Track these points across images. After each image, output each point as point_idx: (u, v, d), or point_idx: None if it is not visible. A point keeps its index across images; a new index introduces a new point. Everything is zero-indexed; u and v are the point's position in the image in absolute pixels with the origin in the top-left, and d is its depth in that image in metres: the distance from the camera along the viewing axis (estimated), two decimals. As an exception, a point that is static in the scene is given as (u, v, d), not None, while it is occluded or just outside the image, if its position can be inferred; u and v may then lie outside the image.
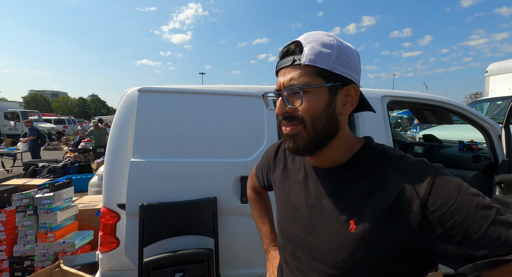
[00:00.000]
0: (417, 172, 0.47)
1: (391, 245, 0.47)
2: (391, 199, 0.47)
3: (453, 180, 0.45)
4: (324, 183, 0.57)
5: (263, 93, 0.65)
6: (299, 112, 0.52)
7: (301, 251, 0.59)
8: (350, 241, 0.50)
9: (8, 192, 2.64)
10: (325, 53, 0.50)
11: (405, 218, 0.46)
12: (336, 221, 0.53)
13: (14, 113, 15.88)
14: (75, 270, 1.66)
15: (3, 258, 2.46)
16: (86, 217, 2.93)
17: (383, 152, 0.53)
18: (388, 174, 0.50)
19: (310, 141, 0.53)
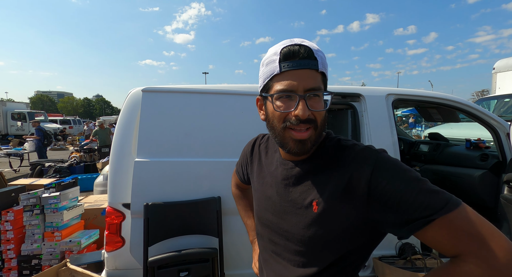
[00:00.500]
0: (363, 156, 0.56)
1: (347, 220, 0.56)
2: (344, 181, 0.56)
3: (391, 160, 0.55)
4: (291, 173, 0.64)
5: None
6: (313, 115, 0.57)
7: (275, 234, 0.67)
8: (314, 220, 0.58)
9: (15, 192, 2.68)
10: (326, 63, 0.59)
11: (356, 195, 0.55)
12: (301, 205, 0.61)
13: (21, 114, 16.13)
14: (81, 269, 1.68)
15: (12, 257, 2.50)
16: (91, 216, 2.96)
17: (338, 143, 0.62)
18: (342, 160, 0.58)
19: (315, 142, 0.59)
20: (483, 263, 0.46)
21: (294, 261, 0.63)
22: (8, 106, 16.39)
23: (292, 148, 0.58)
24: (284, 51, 0.56)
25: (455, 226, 0.48)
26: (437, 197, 0.49)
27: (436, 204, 0.49)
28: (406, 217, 0.50)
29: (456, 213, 0.48)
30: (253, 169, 0.78)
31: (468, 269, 0.47)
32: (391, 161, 0.55)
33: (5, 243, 2.49)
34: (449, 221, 0.48)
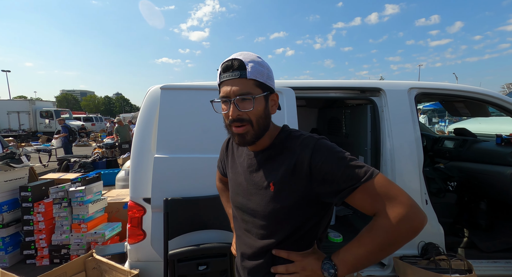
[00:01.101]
0: (305, 143, 0.71)
1: (297, 195, 0.70)
2: (292, 163, 0.70)
3: (326, 145, 0.70)
4: (254, 161, 0.79)
5: (283, 88, 0.77)
6: (246, 115, 0.71)
7: (245, 214, 0.81)
8: (271, 198, 0.73)
9: (45, 186, 2.85)
10: (261, 70, 0.71)
11: (301, 174, 0.69)
12: (262, 186, 0.75)
13: (48, 112, 17.08)
14: (106, 260, 1.76)
15: (44, 246, 2.67)
16: (114, 209, 3.10)
17: (290, 134, 0.77)
18: (291, 148, 0.73)
19: (255, 136, 0.73)
20: (389, 216, 0.61)
21: (259, 234, 0.77)
22: (37, 105, 17.42)
23: (236, 140, 0.74)
24: (222, 66, 0.73)
25: (372, 191, 0.64)
26: (359, 170, 0.65)
27: (358, 175, 0.64)
28: (338, 187, 0.66)
29: (373, 181, 0.64)
30: (228, 162, 0.92)
31: (380, 222, 0.63)
32: (327, 145, 0.70)
33: (37, 233, 2.67)
34: (368, 187, 0.64)
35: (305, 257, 0.73)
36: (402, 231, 0.61)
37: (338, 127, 3.08)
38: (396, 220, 0.61)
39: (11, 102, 17.33)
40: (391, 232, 0.61)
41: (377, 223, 0.63)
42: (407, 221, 0.60)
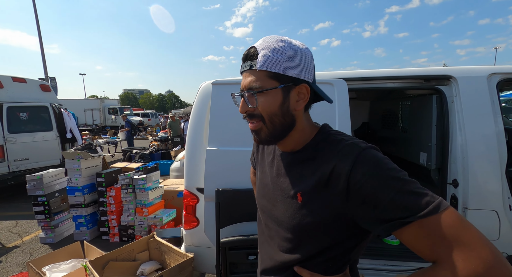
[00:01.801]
0: (346, 152, 0.56)
1: (328, 213, 0.57)
2: (327, 175, 0.57)
3: (374, 158, 0.54)
4: (283, 164, 0.68)
5: (334, 79, 0.69)
6: (258, 111, 0.61)
7: (270, 220, 0.71)
8: (298, 210, 0.61)
9: (115, 173, 3.27)
10: (276, 58, 0.57)
11: (336, 189, 0.56)
12: (288, 194, 0.64)
13: (114, 109, 19.51)
14: (165, 242, 1.95)
15: (114, 225, 3.09)
16: (169, 197, 3.40)
17: (328, 138, 0.63)
18: (327, 154, 0.59)
19: (270, 135, 0.62)
20: (459, 272, 0.44)
21: (282, 246, 0.67)
22: (105, 103, 20.05)
23: (253, 138, 0.66)
24: (242, 55, 0.64)
25: (433, 231, 0.47)
26: (418, 199, 0.49)
27: (415, 206, 0.48)
28: (383, 216, 0.50)
29: (436, 218, 0.47)
30: (258, 158, 0.84)
31: (444, 275, 0.46)
32: (374, 158, 0.54)
33: (109, 213, 3.09)
34: (427, 225, 0.47)
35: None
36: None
37: (394, 121, 2.81)
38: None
39: (87, 101, 20.26)
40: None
41: (436, 276, 0.47)
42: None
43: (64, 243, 3.08)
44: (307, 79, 0.60)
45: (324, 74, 1.84)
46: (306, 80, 0.60)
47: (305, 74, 0.60)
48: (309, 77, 0.61)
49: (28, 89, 5.17)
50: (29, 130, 4.93)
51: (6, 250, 2.98)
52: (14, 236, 3.31)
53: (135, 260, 1.96)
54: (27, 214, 3.98)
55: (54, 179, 3.24)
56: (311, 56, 0.62)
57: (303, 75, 0.59)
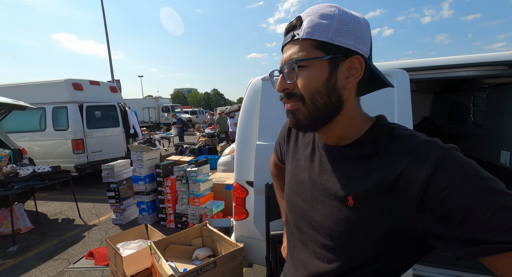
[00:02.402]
0: (422, 152, 0.45)
1: (388, 223, 0.47)
2: (392, 178, 0.46)
3: (463, 162, 0.42)
4: (328, 159, 0.57)
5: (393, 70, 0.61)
6: (298, 88, 0.51)
7: (303, 222, 0.61)
8: (348, 216, 0.51)
9: (171, 165, 3.59)
10: (324, 24, 0.48)
11: (405, 197, 0.45)
12: (335, 196, 0.53)
13: (166, 107, 21.34)
14: (217, 231, 2.07)
15: (171, 213, 3.40)
16: (218, 190, 3.59)
17: (392, 131, 0.51)
18: (392, 153, 0.48)
19: (310, 117, 0.52)
20: None
21: (320, 254, 0.57)
22: (159, 102, 22.09)
23: (289, 120, 0.56)
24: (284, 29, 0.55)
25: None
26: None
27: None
28: (471, 237, 0.40)
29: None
30: (289, 149, 0.72)
31: None
32: (463, 163, 0.42)
33: (166, 202, 3.42)
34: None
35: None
36: None
37: (464, 115, 2.46)
38: None
39: (144, 100, 22.57)
40: None
41: None
42: None
43: (130, 225, 3.52)
44: (361, 51, 0.50)
45: (381, 65, 1.71)
46: (361, 52, 0.50)
47: (359, 45, 0.49)
48: (364, 49, 0.50)
49: (101, 91, 6.00)
50: (102, 126, 5.73)
51: (87, 227, 3.54)
52: (93, 216, 3.91)
53: (190, 245, 2.13)
54: (102, 198, 4.66)
55: (122, 169, 3.71)
56: (368, 28, 0.51)
57: (357, 46, 0.49)
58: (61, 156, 5.26)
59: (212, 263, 1.65)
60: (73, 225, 3.63)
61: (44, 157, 5.30)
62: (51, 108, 5.31)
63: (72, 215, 3.95)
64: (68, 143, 5.20)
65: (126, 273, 1.88)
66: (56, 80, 5.43)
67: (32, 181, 3.35)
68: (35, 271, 2.54)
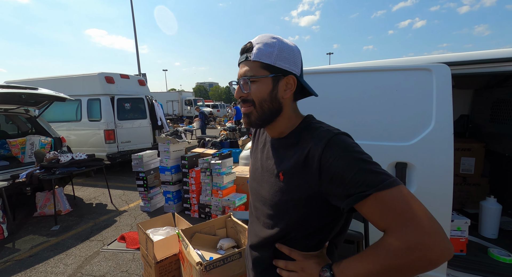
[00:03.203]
0: (320, 136, 0.64)
1: (304, 190, 0.64)
2: (303, 156, 0.64)
3: (344, 141, 0.62)
4: (271, 148, 0.77)
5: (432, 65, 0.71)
6: (251, 96, 0.69)
7: (257, 200, 0.78)
8: (280, 188, 0.69)
9: (195, 157, 3.70)
10: (268, 51, 0.67)
11: (311, 168, 0.63)
12: (273, 174, 0.72)
13: (189, 100, 21.88)
14: (241, 222, 2.12)
15: (195, 203, 3.53)
16: (240, 183, 3.65)
17: (309, 125, 0.70)
18: (306, 139, 0.67)
19: (259, 118, 0.71)
20: (400, 237, 0.52)
21: (266, 223, 0.74)
22: (183, 95, 22.69)
23: (243, 120, 0.75)
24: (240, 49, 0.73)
25: (385, 203, 0.54)
26: (374, 177, 0.56)
27: (371, 182, 0.55)
28: (346, 192, 0.57)
29: (389, 192, 0.54)
30: (253, 148, 0.91)
31: (389, 241, 0.54)
32: (343, 142, 0.61)
33: (191, 192, 3.54)
34: (380, 198, 0.54)
35: (306, 258, 0.68)
36: (412, 260, 0.51)
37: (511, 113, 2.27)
38: (406, 244, 0.51)
39: (168, 94, 23.31)
40: (398, 256, 0.52)
41: (384, 242, 0.55)
42: (420, 249, 0.50)
43: (157, 212, 3.71)
44: (294, 71, 0.69)
45: (419, 59, 1.62)
46: (294, 72, 0.69)
47: (292, 67, 0.69)
48: (296, 70, 0.70)
49: (130, 84, 6.28)
50: (131, 118, 6.03)
51: (119, 212, 3.79)
52: (123, 203, 4.17)
53: (215, 235, 2.21)
54: (130, 186, 4.94)
55: (150, 159, 3.89)
56: (299, 54, 0.71)
57: (291, 68, 0.69)
58: (94, 145, 5.63)
59: (237, 254, 1.70)
60: (105, 210, 3.90)
61: (79, 145, 5.71)
62: (86, 100, 5.68)
63: (105, 201, 4.24)
64: (100, 133, 5.54)
65: (156, 257, 2.00)
66: (90, 73, 5.77)
67: (71, 167, 3.63)
68: (75, 250, 2.78)
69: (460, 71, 1.55)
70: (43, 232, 3.21)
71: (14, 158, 4.28)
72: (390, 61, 1.70)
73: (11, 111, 4.35)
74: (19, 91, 3.59)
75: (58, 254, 2.70)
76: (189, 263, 1.74)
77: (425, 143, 1.43)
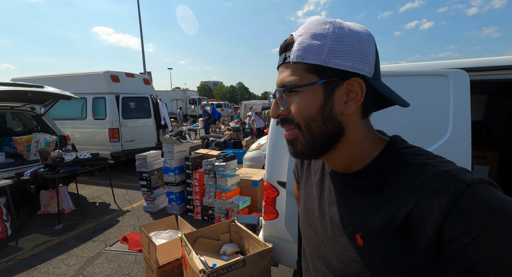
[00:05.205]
0: (436, 186, 0.37)
1: (402, 273, 0.39)
2: (400, 217, 0.39)
3: (491, 200, 0.32)
4: (336, 189, 0.51)
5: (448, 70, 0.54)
6: (292, 114, 0.46)
7: (316, 257, 0.55)
8: (358, 257, 0.44)
9: (199, 158, 3.67)
10: (315, 45, 0.43)
11: (417, 243, 0.37)
12: (343, 232, 0.47)
13: (193, 99, 21.90)
14: (245, 228, 2.08)
15: (198, 205, 3.50)
16: (244, 185, 3.60)
17: (402, 159, 0.43)
18: (401, 186, 0.41)
19: (307, 146, 0.47)
20: None
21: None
22: (187, 94, 22.72)
23: (288, 149, 0.51)
24: None
25: None
26: None
27: None
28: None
29: None
30: (303, 173, 0.66)
31: None
32: (492, 201, 0.33)
33: (194, 194, 3.51)
34: None
35: None
36: None
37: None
38: None
39: (173, 92, 23.36)
40: None
41: None
42: None
43: (160, 213, 3.69)
44: (361, 72, 0.43)
45: (434, 64, 1.56)
46: (362, 73, 0.43)
47: (358, 65, 0.43)
48: (366, 69, 0.43)
49: (135, 83, 6.28)
50: (135, 117, 6.02)
51: (121, 212, 3.78)
52: (126, 202, 4.16)
53: (218, 239, 2.17)
54: (134, 185, 4.93)
55: (154, 159, 3.87)
56: (371, 42, 0.44)
57: (356, 66, 0.43)
58: (98, 143, 5.64)
59: (241, 262, 1.65)
60: (108, 209, 3.89)
61: (84, 143, 5.73)
62: (91, 98, 5.69)
63: (108, 200, 4.24)
64: (105, 132, 5.55)
65: (159, 261, 1.96)
66: (96, 72, 5.78)
67: (75, 166, 3.63)
68: (77, 250, 2.77)
69: (478, 77, 1.49)
70: (46, 231, 3.20)
71: (19, 156, 4.29)
72: (403, 65, 1.64)
73: (17, 108, 4.37)
74: (25, 89, 3.59)
75: (61, 254, 2.69)
76: (191, 269, 1.70)
77: (440, 152, 1.36)
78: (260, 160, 4.60)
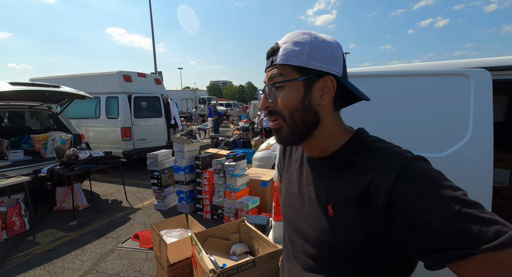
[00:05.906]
0: (388, 162, 0.48)
1: (363, 233, 0.49)
2: (362, 188, 0.49)
3: (425, 170, 0.45)
4: (312, 171, 0.62)
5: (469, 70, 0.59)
6: (278, 106, 0.56)
7: (295, 233, 0.64)
8: (329, 225, 0.54)
9: (209, 158, 3.69)
10: (297, 51, 0.53)
11: (374, 207, 0.47)
12: (318, 206, 0.57)
13: (203, 99, 22.10)
14: (254, 228, 2.07)
15: (207, 204, 3.52)
16: (254, 185, 3.60)
17: (365, 144, 0.55)
18: (363, 164, 0.52)
19: (291, 133, 0.57)
20: None
21: (307, 264, 0.59)
22: (197, 93, 22.96)
23: (274, 137, 0.62)
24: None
25: (505, 270, 0.37)
26: (484, 227, 0.38)
27: (480, 235, 0.38)
28: (435, 245, 0.41)
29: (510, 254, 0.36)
30: (284, 165, 0.76)
31: None
32: (424, 171, 0.45)
33: (204, 193, 3.53)
34: (496, 262, 0.37)
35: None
36: None
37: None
38: None
39: (183, 92, 23.65)
40: None
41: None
42: None
43: (170, 211, 3.74)
44: (333, 72, 0.54)
45: (454, 63, 1.50)
46: (333, 73, 0.54)
47: (331, 67, 0.54)
48: (336, 70, 0.55)
49: (147, 82, 6.39)
50: (147, 116, 6.13)
51: (133, 210, 3.85)
52: (137, 200, 4.24)
53: (228, 239, 2.17)
54: (145, 183, 5.02)
55: (165, 158, 3.92)
56: (339, 50, 0.56)
57: (329, 67, 0.54)
58: (111, 142, 5.77)
59: (251, 262, 1.65)
60: (121, 206, 3.98)
61: (97, 142, 5.87)
62: (104, 98, 5.82)
63: (120, 198, 4.33)
64: (117, 131, 5.67)
65: (169, 259, 1.98)
66: (109, 72, 5.91)
67: (89, 164, 3.72)
68: (91, 246, 2.84)
69: (500, 77, 1.42)
70: (62, 226, 3.30)
71: (36, 153, 4.45)
72: (421, 65, 1.59)
73: (35, 107, 4.52)
74: (43, 89, 3.71)
75: (75, 250, 2.76)
76: (201, 268, 1.71)
77: (460, 155, 1.31)
78: (270, 160, 4.58)
